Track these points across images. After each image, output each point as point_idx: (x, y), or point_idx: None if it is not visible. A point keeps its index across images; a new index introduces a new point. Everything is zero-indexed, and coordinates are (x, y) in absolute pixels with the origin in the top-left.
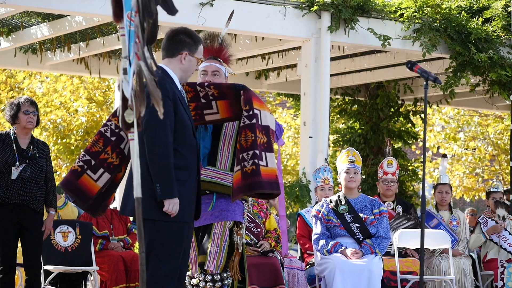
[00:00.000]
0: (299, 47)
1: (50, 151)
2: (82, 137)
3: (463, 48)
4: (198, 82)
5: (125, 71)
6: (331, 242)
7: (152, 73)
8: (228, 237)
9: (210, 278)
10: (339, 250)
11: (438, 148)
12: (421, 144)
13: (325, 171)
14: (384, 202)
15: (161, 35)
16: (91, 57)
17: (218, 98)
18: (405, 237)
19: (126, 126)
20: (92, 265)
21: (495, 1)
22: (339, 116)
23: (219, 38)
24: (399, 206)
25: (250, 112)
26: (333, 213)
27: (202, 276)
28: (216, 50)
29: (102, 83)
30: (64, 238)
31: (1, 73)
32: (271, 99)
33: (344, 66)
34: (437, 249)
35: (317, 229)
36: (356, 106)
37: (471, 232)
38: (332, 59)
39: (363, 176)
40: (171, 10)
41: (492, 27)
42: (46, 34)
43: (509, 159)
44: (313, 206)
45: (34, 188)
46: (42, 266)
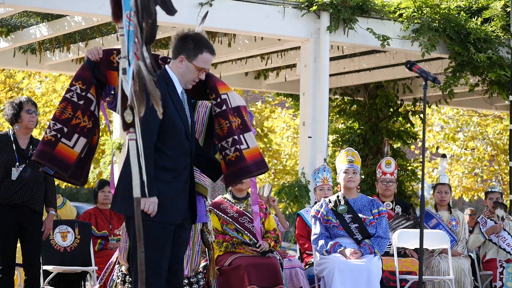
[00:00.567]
0: (298, 47)
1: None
2: None
3: (462, 48)
4: None
5: (125, 71)
6: (330, 242)
7: (151, 73)
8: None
9: (187, 282)
10: (338, 250)
11: (437, 148)
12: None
13: (324, 171)
14: (383, 202)
15: (160, 35)
16: None
17: None
18: (404, 237)
19: (126, 126)
20: (91, 265)
21: (494, 1)
22: (338, 116)
23: None
24: (398, 206)
25: (218, 100)
26: (332, 213)
27: None
28: None
29: None
30: (63, 238)
31: (0, 73)
32: (270, 99)
33: (343, 66)
34: (436, 249)
35: (316, 229)
36: (355, 106)
37: (470, 232)
38: (331, 59)
39: (362, 176)
40: (170, 10)
41: (491, 27)
42: (45, 34)
43: (508, 159)
44: (312, 206)
45: (34, 188)
46: (41, 266)
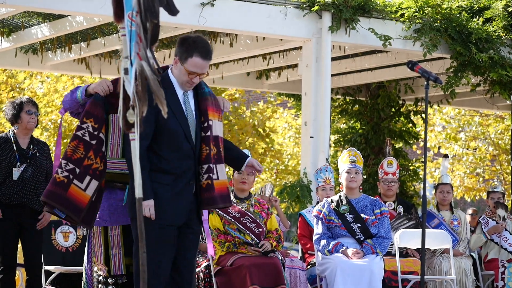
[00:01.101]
0: (300, 47)
1: (51, 151)
2: None
3: (464, 48)
4: None
5: (126, 71)
6: (332, 242)
7: (155, 73)
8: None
9: (112, 281)
10: (340, 250)
11: (439, 148)
12: (422, 144)
13: (326, 171)
14: (385, 202)
15: (162, 35)
16: (92, 57)
17: None
18: (406, 237)
19: (128, 126)
20: None
21: (496, 1)
22: (340, 116)
23: None
24: (400, 206)
25: (205, 124)
26: (334, 213)
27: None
28: None
29: None
30: (65, 239)
31: (2, 73)
32: (272, 99)
33: (345, 66)
34: (438, 249)
35: (318, 229)
36: (357, 106)
37: (472, 232)
38: (333, 59)
39: (364, 176)
40: (172, 11)
41: (493, 27)
42: (47, 34)
43: (510, 159)
44: (314, 206)
45: (35, 188)
46: (43, 266)
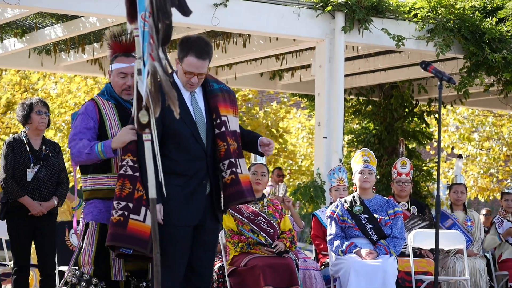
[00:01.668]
0: (313, 48)
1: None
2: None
3: (477, 48)
4: None
5: (140, 72)
6: (346, 243)
7: (167, 74)
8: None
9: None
10: (354, 251)
11: (453, 149)
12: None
13: (340, 172)
14: (399, 203)
15: (175, 36)
16: (105, 58)
17: None
18: (420, 238)
19: (141, 127)
20: None
21: (509, 1)
22: (354, 117)
23: (128, 33)
24: (414, 207)
25: (218, 121)
26: (348, 214)
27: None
28: (129, 46)
29: None
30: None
31: (16, 74)
32: (286, 100)
33: (358, 67)
34: (452, 250)
35: (332, 230)
36: (371, 107)
37: (486, 233)
38: (346, 60)
39: (378, 177)
40: (185, 11)
41: (506, 27)
42: (60, 35)
43: None
44: (328, 207)
45: (49, 189)
46: (57, 267)
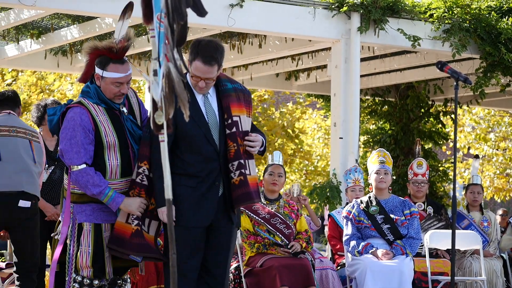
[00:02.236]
0: (329, 48)
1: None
2: None
3: (493, 49)
4: None
5: (156, 73)
6: (362, 243)
7: (181, 75)
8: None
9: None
10: (370, 251)
11: (469, 149)
12: (452, 145)
13: (356, 172)
14: (415, 203)
15: (191, 37)
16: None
17: None
18: (436, 238)
19: (157, 128)
20: None
21: None
22: (370, 117)
23: (120, 37)
24: (430, 207)
25: (229, 121)
26: (364, 214)
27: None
28: (122, 50)
29: (132, 85)
30: None
31: (32, 75)
32: (301, 100)
33: (374, 67)
34: (468, 250)
35: (348, 230)
36: (386, 107)
37: (502, 233)
38: (362, 60)
39: (394, 177)
40: (201, 12)
41: None
42: (76, 36)
43: None
44: (344, 207)
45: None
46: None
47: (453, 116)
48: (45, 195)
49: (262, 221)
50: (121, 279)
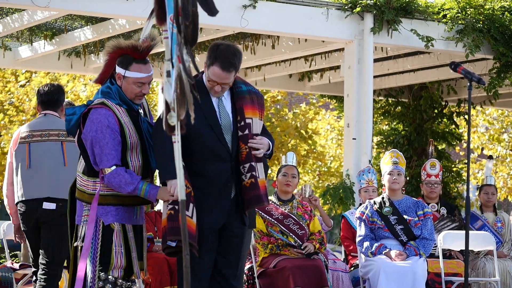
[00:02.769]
0: (342, 49)
1: None
2: None
3: (507, 49)
4: None
5: (169, 74)
6: (375, 244)
7: (190, 76)
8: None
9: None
10: (383, 252)
11: (482, 149)
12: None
13: (369, 173)
14: (428, 204)
15: (204, 38)
16: None
17: None
18: (450, 239)
19: (170, 129)
20: None
21: None
22: (383, 118)
23: (146, 38)
24: (443, 208)
25: (242, 123)
26: (377, 215)
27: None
28: (147, 50)
29: None
30: None
31: (45, 76)
32: (315, 101)
33: (387, 68)
34: (482, 251)
35: (361, 231)
36: (400, 108)
37: None
38: (375, 61)
39: (407, 178)
40: (212, 11)
41: None
42: (90, 37)
43: None
44: (357, 208)
45: None
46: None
47: (467, 117)
48: None
49: (275, 222)
50: (130, 281)
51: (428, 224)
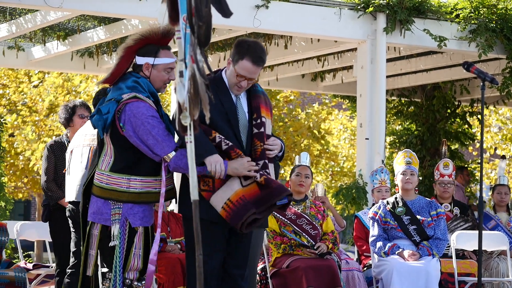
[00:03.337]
0: (355, 49)
1: None
2: None
3: None
4: None
5: (182, 74)
6: (388, 244)
7: (203, 77)
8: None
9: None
10: (397, 252)
11: (495, 149)
12: (478, 146)
13: (382, 173)
14: (441, 204)
15: (217, 38)
16: None
17: None
18: (463, 239)
19: (183, 129)
20: None
21: None
22: (396, 118)
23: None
24: (457, 208)
25: (258, 120)
26: (390, 215)
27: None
28: (172, 35)
29: None
30: None
31: (58, 77)
32: (327, 101)
33: (400, 67)
34: (495, 251)
35: (374, 231)
36: (413, 108)
37: None
38: (388, 61)
39: (420, 178)
40: (226, 13)
41: None
42: (102, 38)
43: None
44: (370, 208)
45: None
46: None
47: (480, 117)
48: None
49: (288, 222)
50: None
51: (441, 224)
